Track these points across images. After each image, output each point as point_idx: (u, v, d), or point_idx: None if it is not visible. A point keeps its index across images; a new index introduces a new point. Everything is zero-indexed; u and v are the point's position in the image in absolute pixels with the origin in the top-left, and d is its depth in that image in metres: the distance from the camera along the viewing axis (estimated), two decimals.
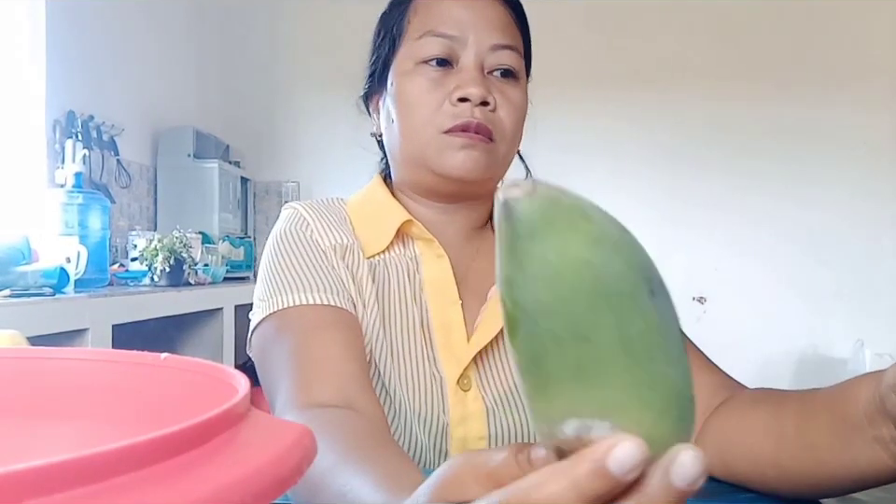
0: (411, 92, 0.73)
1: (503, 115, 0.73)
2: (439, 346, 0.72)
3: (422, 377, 0.70)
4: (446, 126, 0.70)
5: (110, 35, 2.75)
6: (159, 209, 3.05)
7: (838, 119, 3.48)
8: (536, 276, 0.26)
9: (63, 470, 0.17)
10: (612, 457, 0.24)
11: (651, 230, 3.68)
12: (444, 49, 0.72)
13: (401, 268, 0.75)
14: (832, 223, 3.51)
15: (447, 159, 0.71)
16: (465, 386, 0.71)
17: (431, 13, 0.74)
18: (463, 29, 0.72)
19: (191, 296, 2.23)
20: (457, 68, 0.72)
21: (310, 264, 0.72)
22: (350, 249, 0.74)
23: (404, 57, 0.75)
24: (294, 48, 3.68)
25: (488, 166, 0.72)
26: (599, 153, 3.53)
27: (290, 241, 0.75)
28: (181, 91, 3.35)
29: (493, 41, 0.73)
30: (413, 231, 0.75)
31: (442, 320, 0.73)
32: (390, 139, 0.77)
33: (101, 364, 0.33)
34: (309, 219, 0.76)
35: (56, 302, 1.57)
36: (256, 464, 0.21)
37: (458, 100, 0.70)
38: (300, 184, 3.59)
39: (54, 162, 2.28)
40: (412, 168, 0.76)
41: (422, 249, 0.76)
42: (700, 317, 3.59)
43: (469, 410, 0.70)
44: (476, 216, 0.79)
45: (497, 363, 0.73)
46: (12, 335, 0.51)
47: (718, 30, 3.54)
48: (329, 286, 0.70)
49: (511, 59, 0.74)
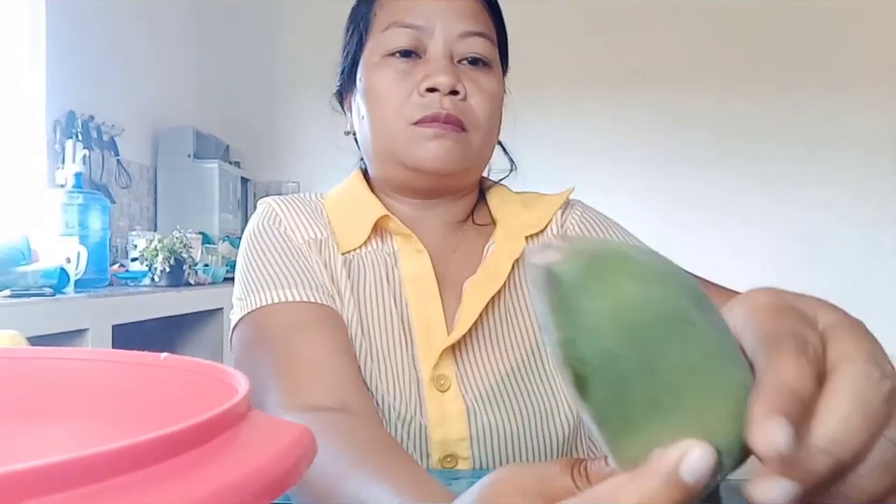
0: (378, 86, 0.71)
1: (475, 103, 0.70)
2: (419, 344, 0.69)
3: (401, 376, 0.68)
4: (415, 117, 0.68)
5: (110, 36, 2.75)
6: (159, 209, 3.05)
7: (838, 120, 3.48)
8: (593, 328, 0.26)
9: (63, 470, 0.17)
10: (685, 466, 0.24)
11: (652, 230, 3.68)
12: (410, 41, 0.70)
13: (378, 263, 0.73)
14: (832, 224, 3.51)
15: (418, 150, 0.69)
16: (442, 386, 0.68)
17: (397, 5, 0.72)
18: (429, 18, 0.70)
19: (191, 296, 2.23)
20: (425, 58, 0.70)
21: (285, 260, 0.70)
22: (325, 243, 0.73)
23: (371, 51, 0.73)
24: (294, 48, 3.68)
25: (462, 156, 0.70)
26: (599, 154, 3.53)
27: (263, 237, 0.73)
28: (181, 91, 3.35)
29: (462, 29, 0.71)
30: (391, 226, 0.73)
31: (422, 317, 0.71)
32: (362, 135, 0.75)
33: (101, 364, 0.33)
34: (281, 214, 0.74)
35: (56, 303, 1.57)
36: (256, 464, 0.21)
37: (427, 90, 0.68)
38: (300, 184, 3.59)
39: (54, 162, 2.28)
40: (385, 164, 0.74)
41: (400, 245, 0.74)
42: None
43: (448, 410, 0.67)
44: (456, 210, 0.77)
45: (478, 360, 0.70)
46: (12, 335, 0.51)
47: (718, 30, 3.54)
48: (306, 281, 0.68)
49: (482, 46, 0.71)
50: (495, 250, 0.74)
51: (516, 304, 0.74)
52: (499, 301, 0.73)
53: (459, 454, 0.67)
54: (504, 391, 0.69)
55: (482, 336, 0.71)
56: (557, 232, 0.77)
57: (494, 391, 0.69)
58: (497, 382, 0.69)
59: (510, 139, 0.82)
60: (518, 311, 0.74)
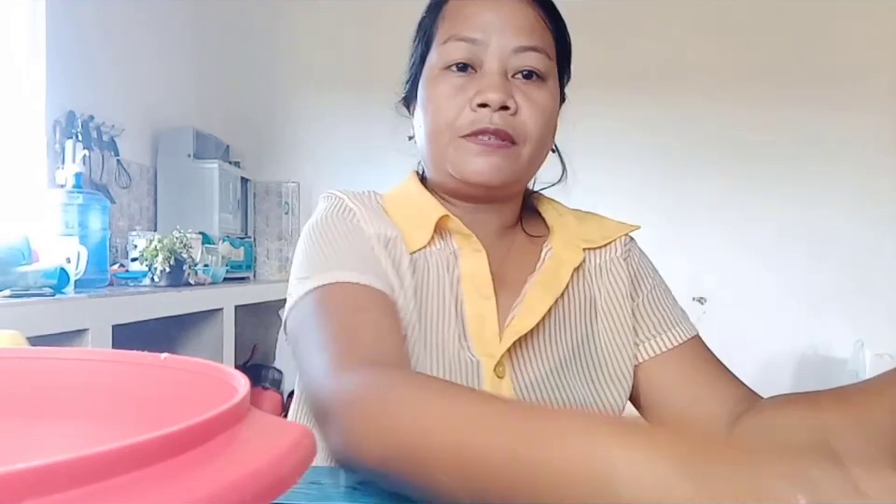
0: (435, 98, 0.74)
1: (526, 117, 0.73)
2: (472, 336, 0.74)
3: (457, 364, 0.72)
4: (465, 131, 0.72)
5: (110, 35, 2.75)
6: (159, 209, 3.05)
7: (838, 120, 3.48)
8: None
9: (63, 470, 0.17)
10: None
11: (652, 230, 3.68)
12: (466, 54, 0.73)
13: (441, 262, 0.77)
14: (832, 223, 3.51)
15: (465, 164, 0.72)
16: (500, 374, 0.72)
17: (458, 17, 0.75)
18: (486, 32, 0.73)
19: (191, 296, 2.23)
20: (480, 73, 0.73)
21: (354, 247, 0.73)
22: (394, 241, 0.75)
23: (431, 63, 0.76)
24: (294, 47, 3.68)
25: (511, 170, 0.73)
26: (599, 154, 3.53)
27: (334, 224, 0.75)
28: (181, 91, 3.35)
29: (516, 43, 0.73)
30: (451, 225, 0.77)
31: (476, 312, 0.75)
32: (420, 142, 0.79)
33: (101, 364, 0.33)
34: (354, 208, 0.77)
35: (56, 303, 1.57)
36: (256, 464, 0.21)
37: (479, 105, 0.71)
38: (300, 184, 3.60)
39: (54, 163, 2.28)
40: (436, 171, 0.78)
41: (460, 244, 0.77)
42: (700, 317, 3.59)
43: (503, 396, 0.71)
44: (505, 216, 0.81)
45: (529, 354, 0.75)
46: (12, 335, 0.51)
47: (718, 31, 3.55)
48: (370, 269, 0.71)
49: (536, 60, 0.74)
50: (552, 255, 0.79)
51: (569, 307, 0.79)
52: (556, 307, 0.78)
53: None
54: (550, 383, 0.74)
55: (535, 332, 0.76)
56: (620, 253, 0.82)
57: (542, 382, 0.74)
58: (545, 374, 0.75)
59: None
60: (569, 314, 0.79)
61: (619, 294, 0.80)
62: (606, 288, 0.80)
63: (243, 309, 2.67)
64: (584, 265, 0.80)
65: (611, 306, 0.80)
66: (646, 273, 0.83)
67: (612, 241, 0.82)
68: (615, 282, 0.81)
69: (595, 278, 0.81)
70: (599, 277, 0.81)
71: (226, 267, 2.81)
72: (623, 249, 0.83)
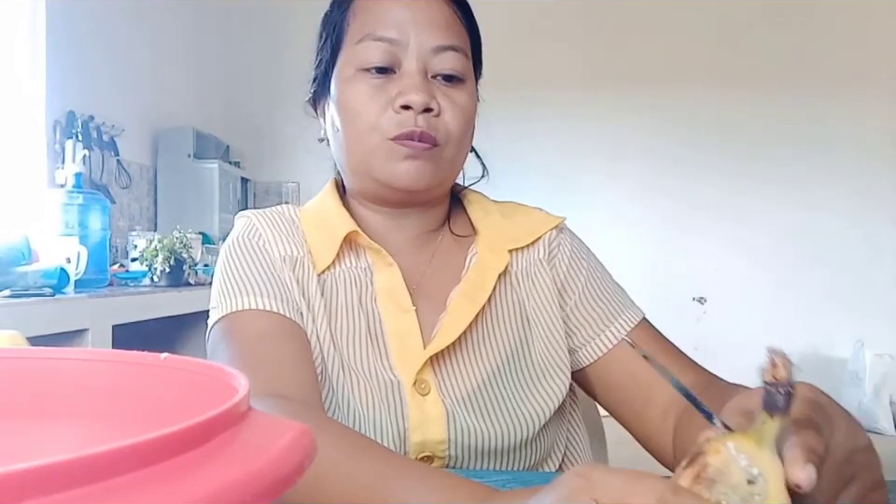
0: (353, 100, 0.71)
1: (448, 119, 0.71)
2: (394, 354, 0.71)
3: (377, 384, 0.70)
4: (391, 133, 0.69)
5: (110, 36, 2.75)
6: (159, 209, 3.05)
7: (837, 121, 3.48)
8: None
9: (63, 470, 0.17)
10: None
11: (652, 231, 3.70)
12: (385, 56, 0.70)
13: (351, 280, 0.74)
14: (831, 224, 3.51)
15: (391, 168, 0.70)
16: (423, 390, 0.70)
17: (370, 15, 0.72)
18: (403, 31, 0.70)
19: (191, 296, 2.23)
20: (399, 73, 0.70)
21: (260, 271, 0.72)
22: (300, 262, 0.74)
23: (345, 62, 0.73)
24: (294, 48, 3.67)
25: (434, 173, 0.71)
26: (599, 155, 3.53)
27: (242, 248, 0.74)
28: (181, 91, 3.35)
29: (435, 42, 0.71)
30: (360, 240, 0.74)
31: (396, 328, 0.72)
32: (336, 147, 0.76)
33: (101, 364, 0.33)
34: (262, 229, 0.75)
35: (56, 303, 1.57)
36: (256, 464, 0.21)
37: (401, 107, 0.69)
38: (300, 184, 3.60)
39: (54, 163, 2.28)
40: (357, 176, 0.75)
41: (374, 258, 0.75)
42: (700, 317, 3.59)
43: (429, 414, 0.69)
44: (428, 220, 0.78)
45: (457, 367, 0.72)
46: (12, 335, 0.51)
47: (718, 31, 3.55)
48: (277, 294, 0.70)
49: (455, 61, 0.72)
50: (477, 261, 0.76)
51: (497, 315, 0.76)
52: (482, 314, 0.74)
53: (437, 454, 0.69)
54: (482, 396, 0.71)
55: (461, 344, 0.73)
56: (545, 253, 0.79)
57: (472, 396, 0.71)
58: (476, 387, 0.71)
59: (511, 140, 0.83)
60: (498, 321, 0.76)
61: (546, 300, 0.77)
62: (533, 294, 0.77)
63: None
64: (510, 269, 0.77)
65: (541, 312, 0.77)
66: (576, 272, 0.79)
67: (539, 238, 0.79)
68: (541, 288, 0.77)
69: (521, 282, 0.78)
70: (526, 281, 0.78)
71: None
72: (548, 249, 0.79)
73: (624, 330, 0.75)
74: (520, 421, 0.71)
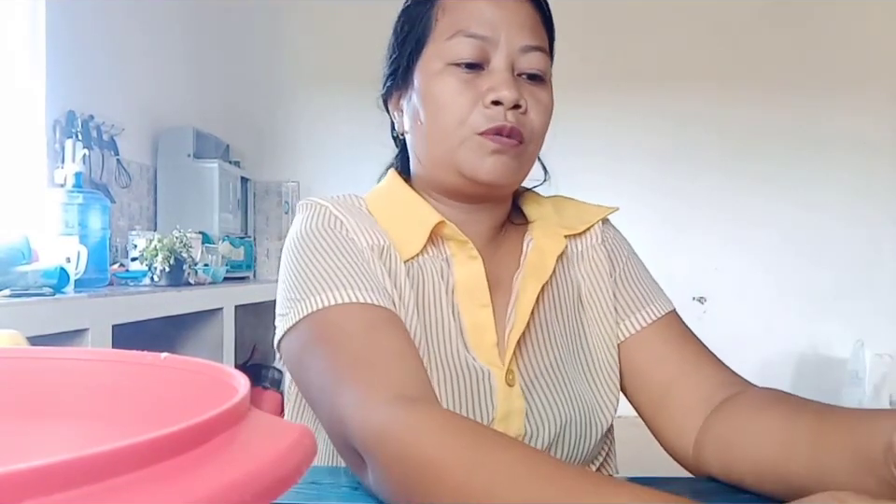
0: (442, 94, 0.72)
1: (533, 116, 0.73)
2: (473, 345, 0.72)
3: (465, 375, 0.70)
4: (481, 128, 0.70)
5: (110, 36, 2.75)
6: (159, 209, 3.05)
7: (838, 121, 3.48)
8: None
9: (63, 470, 0.17)
10: None
11: (652, 230, 3.70)
12: (476, 52, 0.72)
13: (436, 270, 0.74)
14: (831, 224, 3.51)
15: (478, 162, 0.71)
16: (510, 382, 0.71)
17: (462, 13, 0.73)
18: (495, 29, 0.72)
19: (191, 296, 2.23)
20: (488, 70, 0.72)
21: (349, 262, 0.69)
22: (387, 250, 0.72)
23: (432, 56, 0.74)
24: (294, 47, 3.68)
25: (518, 169, 0.73)
26: (599, 155, 3.53)
27: (322, 238, 0.71)
28: (181, 91, 3.35)
29: (523, 42, 0.72)
30: (446, 231, 0.74)
31: (473, 321, 0.73)
32: (417, 140, 0.77)
33: (101, 364, 0.33)
34: (341, 217, 0.73)
35: (56, 302, 1.57)
36: (256, 464, 0.21)
37: (492, 102, 0.70)
38: (300, 184, 3.60)
39: (54, 162, 2.28)
40: (438, 169, 0.75)
41: (454, 250, 0.75)
42: (700, 317, 3.59)
43: (513, 406, 0.70)
44: (498, 214, 0.80)
45: (530, 347, 0.74)
46: (12, 335, 0.51)
47: (718, 31, 3.55)
48: (370, 284, 0.67)
49: (540, 61, 0.74)
50: (534, 245, 0.78)
51: (558, 294, 0.78)
52: (546, 296, 0.77)
53: None
54: (552, 375, 0.74)
55: (531, 322, 0.75)
56: (599, 240, 0.82)
57: (544, 374, 0.74)
58: (547, 366, 0.74)
59: None
60: (560, 300, 0.78)
61: (601, 278, 0.80)
62: (589, 275, 0.80)
63: (242, 309, 2.67)
64: (567, 252, 0.80)
65: (595, 292, 0.79)
66: (620, 252, 0.83)
67: (592, 226, 0.82)
68: (597, 267, 0.80)
69: (578, 264, 0.80)
70: (581, 263, 0.80)
71: (226, 267, 2.81)
72: (602, 234, 0.83)
73: (654, 316, 0.78)
74: (592, 411, 0.74)
